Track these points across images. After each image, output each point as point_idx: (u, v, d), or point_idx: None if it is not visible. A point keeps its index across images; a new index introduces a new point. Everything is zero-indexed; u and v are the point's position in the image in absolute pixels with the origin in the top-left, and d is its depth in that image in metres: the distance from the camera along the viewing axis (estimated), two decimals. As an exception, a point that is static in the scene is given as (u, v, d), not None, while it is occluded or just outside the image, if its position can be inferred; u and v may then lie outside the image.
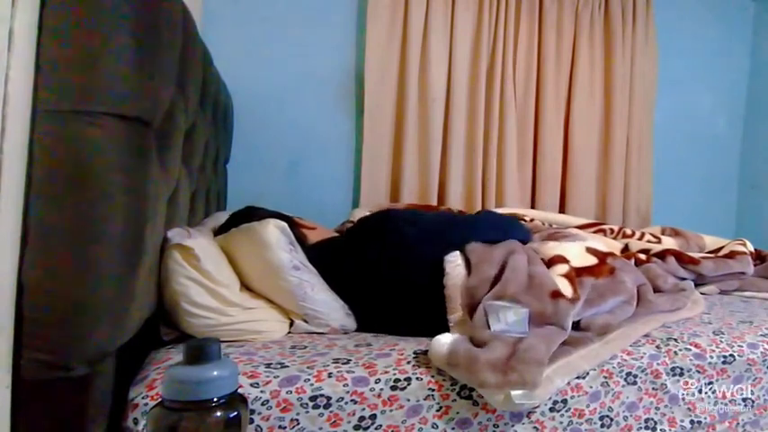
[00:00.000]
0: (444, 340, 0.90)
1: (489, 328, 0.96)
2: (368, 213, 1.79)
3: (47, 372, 0.68)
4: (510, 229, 1.33)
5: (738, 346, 1.09)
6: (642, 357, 1.01)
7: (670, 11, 2.70)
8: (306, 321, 1.07)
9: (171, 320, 0.97)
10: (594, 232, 1.86)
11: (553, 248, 1.25)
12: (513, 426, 0.89)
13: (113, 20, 0.70)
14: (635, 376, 0.98)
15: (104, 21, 0.69)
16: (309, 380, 0.82)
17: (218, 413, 0.51)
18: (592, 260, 1.22)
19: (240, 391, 0.55)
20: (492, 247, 1.15)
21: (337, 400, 0.82)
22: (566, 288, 1.07)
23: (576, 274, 1.12)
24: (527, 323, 0.97)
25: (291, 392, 0.80)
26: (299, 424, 0.79)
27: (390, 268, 1.11)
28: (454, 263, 1.12)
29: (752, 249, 1.81)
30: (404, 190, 2.27)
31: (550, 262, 1.18)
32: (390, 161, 2.31)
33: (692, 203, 2.85)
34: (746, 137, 2.96)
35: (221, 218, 1.35)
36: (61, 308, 0.68)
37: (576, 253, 1.23)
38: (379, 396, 0.84)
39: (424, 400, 0.86)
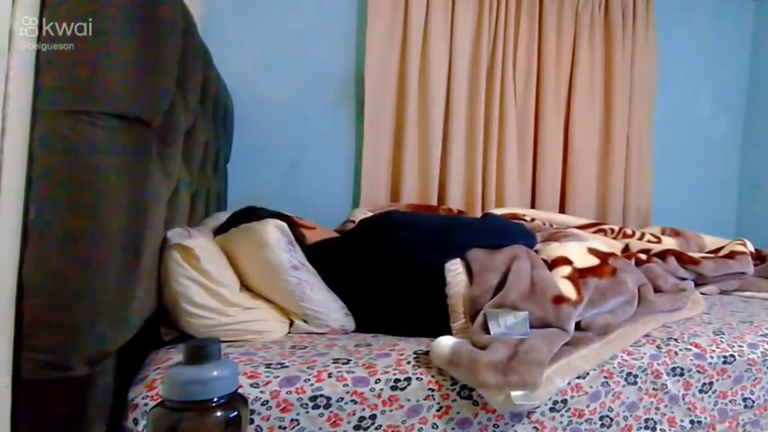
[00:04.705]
0: (446, 342, 0.91)
1: (489, 332, 0.96)
2: (368, 213, 1.80)
3: (47, 372, 0.68)
4: (514, 234, 1.30)
5: (738, 346, 1.09)
6: (642, 357, 1.01)
7: (670, 11, 2.70)
8: (305, 321, 1.07)
9: (171, 320, 0.97)
10: (595, 232, 1.86)
11: (556, 249, 1.24)
12: (513, 426, 0.89)
13: (113, 20, 0.70)
14: (635, 376, 0.98)
15: (104, 21, 0.69)
16: (309, 380, 0.82)
17: (218, 413, 0.51)
18: (594, 261, 1.22)
19: (240, 391, 0.55)
20: (494, 254, 1.15)
21: (337, 401, 0.82)
22: (569, 290, 1.06)
23: (579, 276, 1.12)
24: (527, 325, 0.97)
25: (291, 393, 0.80)
26: (299, 424, 0.79)
27: (388, 273, 1.10)
28: (455, 271, 1.11)
29: (752, 249, 1.81)
30: (404, 190, 2.27)
31: (554, 263, 1.17)
32: (390, 161, 2.31)
33: (692, 203, 2.85)
34: (746, 137, 2.96)
35: (221, 218, 1.35)
36: (61, 308, 0.68)
37: (579, 254, 1.23)
38: (379, 396, 0.84)
39: (424, 400, 0.86)
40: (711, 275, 1.62)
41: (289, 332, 1.07)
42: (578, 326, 1.05)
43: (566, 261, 1.18)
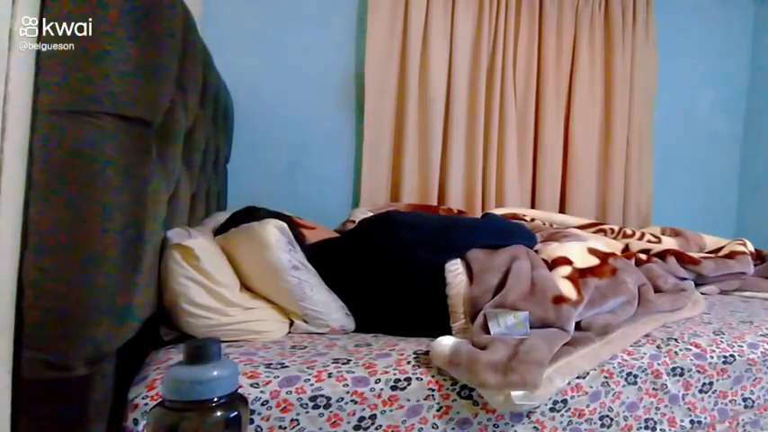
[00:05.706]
0: (446, 341, 0.91)
1: (489, 332, 0.96)
2: (368, 213, 1.79)
3: (47, 372, 0.68)
4: (515, 234, 1.30)
5: (738, 346, 1.09)
6: (642, 357, 1.01)
7: (670, 11, 2.70)
8: (306, 321, 1.07)
9: (171, 320, 0.97)
10: (595, 232, 1.86)
11: (556, 249, 1.24)
12: (513, 426, 0.89)
13: (113, 20, 0.70)
14: (635, 376, 0.98)
15: (104, 21, 0.69)
16: (309, 380, 0.82)
17: (218, 413, 0.51)
18: (594, 261, 1.22)
19: (240, 391, 0.55)
20: (494, 254, 1.15)
21: (337, 401, 0.82)
22: (569, 290, 1.06)
23: (579, 276, 1.12)
24: (527, 325, 0.97)
25: (291, 393, 0.80)
26: (299, 424, 0.79)
27: (388, 273, 1.10)
28: (455, 272, 1.11)
29: (752, 249, 1.81)
30: (404, 190, 2.27)
31: (554, 263, 1.17)
32: (390, 161, 2.31)
33: (691, 203, 2.85)
34: (746, 137, 2.96)
35: (221, 218, 1.35)
36: (61, 308, 0.68)
37: (579, 254, 1.23)
38: (379, 396, 0.84)
39: (424, 400, 0.86)
40: (711, 275, 1.62)
41: (289, 332, 1.07)
42: (578, 326, 1.05)
43: (566, 261, 1.18)
